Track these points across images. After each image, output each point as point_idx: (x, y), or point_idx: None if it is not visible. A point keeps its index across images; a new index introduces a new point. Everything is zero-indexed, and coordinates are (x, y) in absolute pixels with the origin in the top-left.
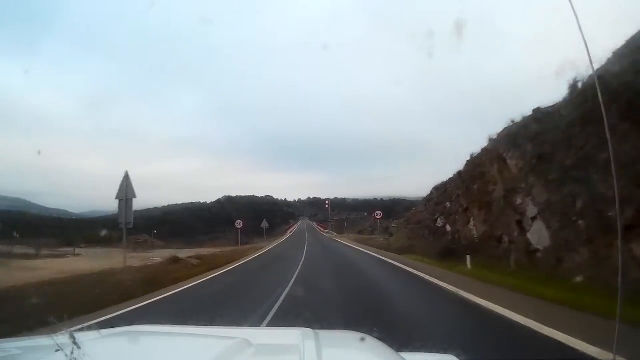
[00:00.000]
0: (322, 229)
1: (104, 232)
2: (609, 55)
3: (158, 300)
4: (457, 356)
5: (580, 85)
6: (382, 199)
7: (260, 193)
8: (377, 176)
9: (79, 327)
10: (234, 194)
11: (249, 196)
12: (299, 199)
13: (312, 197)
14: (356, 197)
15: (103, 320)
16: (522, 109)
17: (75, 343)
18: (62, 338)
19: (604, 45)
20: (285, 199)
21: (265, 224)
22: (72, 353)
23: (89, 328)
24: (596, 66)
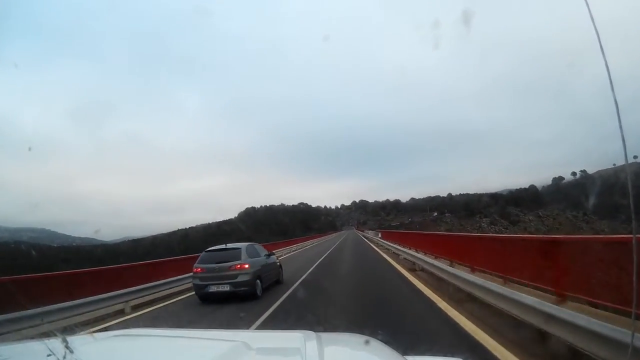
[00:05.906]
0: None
1: None
2: None
3: None
4: (463, 359)
5: None
6: (449, 194)
7: (291, 201)
8: (429, 174)
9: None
10: (257, 205)
11: (277, 205)
12: (342, 205)
13: (357, 200)
14: (413, 197)
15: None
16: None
17: (67, 347)
18: (55, 342)
19: None
20: (325, 206)
21: None
22: (64, 357)
23: (82, 331)
24: None
